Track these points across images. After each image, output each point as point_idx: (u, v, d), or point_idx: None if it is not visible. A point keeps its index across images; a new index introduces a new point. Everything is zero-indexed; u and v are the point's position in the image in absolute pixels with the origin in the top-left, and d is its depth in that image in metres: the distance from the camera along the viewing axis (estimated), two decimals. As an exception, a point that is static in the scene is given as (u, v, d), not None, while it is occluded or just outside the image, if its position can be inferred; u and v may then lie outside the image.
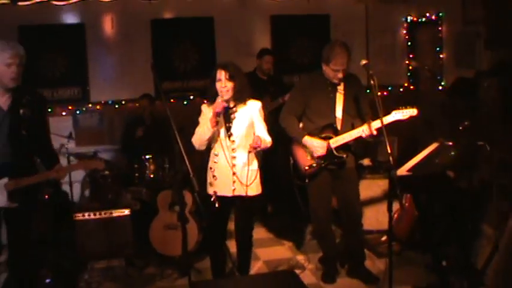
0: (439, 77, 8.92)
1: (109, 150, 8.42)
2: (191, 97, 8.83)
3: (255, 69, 7.92)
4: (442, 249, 5.54)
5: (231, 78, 4.87)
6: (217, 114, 4.87)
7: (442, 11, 8.89)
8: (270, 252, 6.70)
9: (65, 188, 7.45)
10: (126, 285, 5.93)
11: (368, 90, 5.29)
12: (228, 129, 4.97)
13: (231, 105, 4.99)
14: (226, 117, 4.97)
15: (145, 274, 6.20)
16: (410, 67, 9.64)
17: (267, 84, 7.79)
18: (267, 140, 5.01)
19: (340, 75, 5.38)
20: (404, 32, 9.65)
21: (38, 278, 5.05)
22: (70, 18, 8.54)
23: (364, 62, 5.01)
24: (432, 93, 8.95)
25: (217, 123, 4.88)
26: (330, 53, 5.38)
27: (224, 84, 4.87)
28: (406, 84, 9.72)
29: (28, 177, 4.54)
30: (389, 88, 9.56)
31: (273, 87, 7.81)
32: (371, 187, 6.88)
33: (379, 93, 8.91)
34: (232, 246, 5.60)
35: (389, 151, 4.49)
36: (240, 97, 4.96)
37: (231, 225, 5.40)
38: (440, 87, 8.88)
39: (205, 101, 5.25)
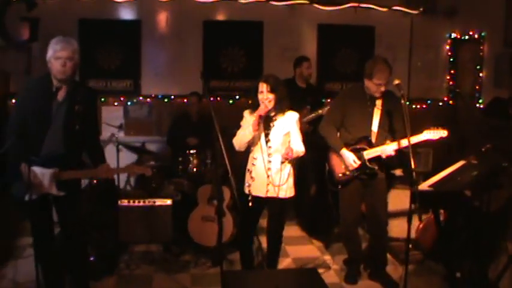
0: (477, 95, 9.10)
1: (156, 141, 8.87)
2: (237, 97, 9.24)
3: (293, 77, 8.05)
4: (457, 261, 5.77)
5: (272, 90, 5.29)
6: (260, 118, 5.28)
7: (485, 31, 9.04)
8: (299, 250, 7.06)
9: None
10: (163, 269, 6.33)
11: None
12: (266, 135, 5.38)
13: (271, 114, 5.39)
14: (265, 125, 5.38)
15: (181, 260, 6.60)
16: (450, 82, 9.85)
17: (305, 94, 7.92)
18: (299, 150, 5.41)
19: (382, 88, 5.67)
20: (447, 48, 9.87)
21: (84, 255, 5.40)
22: (127, 14, 9.02)
23: (396, 82, 5.26)
24: (469, 111, 9.13)
25: (258, 128, 5.28)
26: (373, 68, 5.66)
27: (266, 96, 5.28)
28: (445, 99, 9.94)
29: (77, 171, 4.88)
30: (429, 102, 9.82)
31: (312, 96, 7.93)
32: (401, 197, 7.07)
33: (418, 106, 9.32)
34: (264, 241, 6.02)
35: (412, 166, 4.78)
36: (279, 108, 5.37)
37: (265, 222, 5.79)
38: (477, 105, 9.06)
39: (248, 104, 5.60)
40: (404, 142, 5.44)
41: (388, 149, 5.65)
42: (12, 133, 4.63)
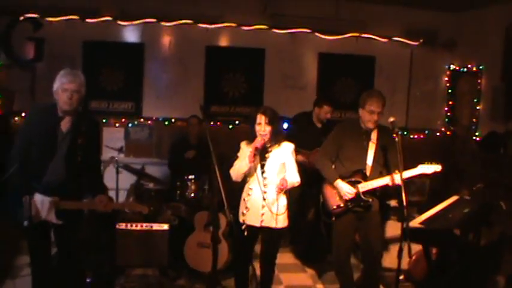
0: (474, 127, 9.21)
1: (155, 163, 8.98)
2: (237, 122, 9.39)
3: (311, 113, 8.01)
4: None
5: (269, 122, 5.41)
6: (256, 149, 5.39)
7: (483, 64, 9.17)
8: (292, 278, 7.12)
9: (111, 193, 7.98)
10: (158, 293, 6.42)
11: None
12: (262, 166, 5.49)
13: (267, 145, 5.50)
14: (261, 156, 5.50)
15: (177, 285, 6.68)
16: (448, 113, 9.97)
17: (320, 134, 7.77)
18: (294, 181, 5.53)
19: (375, 117, 5.73)
20: (446, 79, 10.04)
21: (81, 277, 5.47)
22: (131, 37, 9.20)
23: (392, 119, 5.36)
24: (465, 143, 9.24)
25: (255, 159, 5.39)
26: (366, 97, 5.78)
27: (263, 128, 5.40)
28: (443, 129, 10.07)
29: (77, 202, 4.97)
30: (426, 132, 9.94)
31: (325, 137, 7.80)
32: (395, 228, 7.17)
33: (416, 136, 9.43)
34: (259, 268, 6.06)
35: (404, 203, 4.88)
36: (275, 140, 5.50)
37: (259, 247, 5.86)
38: (474, 137, 9.16)
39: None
40: (397, 178, 5.51)
41: (382, 182, 5.74)
42: (16, 159, 4.72)
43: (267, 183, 5.47)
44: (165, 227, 6.67)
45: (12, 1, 8.51)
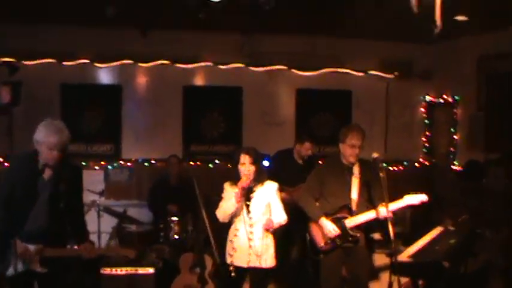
0: (451, 156, 9.30)
1: (136, 205, 8.89)
2: (216, 161, 9.36)
3: (292, 150, 8.07)
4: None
5: (254, 162, 5.42)
6: (243, 189, 5.37)
7: (458, 95, 9.30)
8: (280, 316, 7.07)
9: (93, 237, 7.88)
10: None
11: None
12: (247, 206, 5.47)
13: (251, 185, 5.49)
14: (245, 196, 5.46)
15: (164, 329, 6.59)
16: (426, 144, 10.07)
17: (302, 170, 7.77)
18: (281, 220, 5.54)
19: (356, 151, 5.76)
20: (422, 110, 10.15)
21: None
22: (108, 79, 9.21)
23: (375, 155, 5.42)
24: (444, 172, 9.33)
25: (241, 199, 5.38)
26: (346, 131, 5.82)
27: (248, 168, 5.40)
28: (421, 160, 10.14)
29: (61, 249, 4.89)
30: (405, 163, 10.01)
31: (308, 173, 7.82)
32: (380, 261, 7.13)
33: (395, 168, 9.47)
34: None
35: (392, 237, 4.89)
36: (258, 179, 5.51)
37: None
38: (452, 166, 9.24)
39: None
40: (383, 211, 5.52)
41: (369, 217, 5.75)
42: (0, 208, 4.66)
43: (253, 223, 5.45)
44: (150, 270, 6.64)
45: (-14, 46, 8.46)
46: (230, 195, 5.46)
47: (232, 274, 5.42)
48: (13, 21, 8.34)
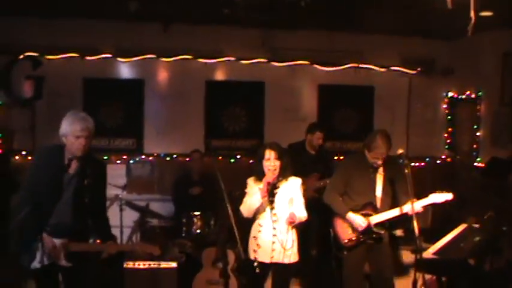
0: (474, 153, 9.22)
1: (158, 200, 8.90)
2: (238, 156, 9.37)
3: (304, 142, 8.10)
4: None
5: (278, 157, 5.41)
6: (268, 185, 5.37)
7: (482, 90, 9.21)
8: (302, 311, 7.06)
9: (115, 231, 7.91)
10: (168, 332, 6.35)
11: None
12: (271, 202, 5.46)
13: (275, 181, 5.49)
14: (270, 192, 5.45)
15: (186, 323, 6.62)
16: (448, 141, 10.01)
17: (315, 160, 7.97)
18: (302, 216, 5.51)
19: (379, 162, 5.82)
20: (445, 106, 10.08)
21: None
22: (131, 74, 9.22)
23: (400, 151, 5.42)
24: (467, 171, 9.25)
25: (267, 194, 5.37)
26: (371, 143, 5.81)
27: (273, 163, 5.39)
28: (443, 157, 10.08)
29: (87, 244, 4.96)
30: (427, 159, 9.95)
31: (321, 163, 7.95)
32: (403, 258, 7.14)
33: (416, 164, 9.42)
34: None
35: (417, 234, 4.86)
36: (283, 175, 5.50)
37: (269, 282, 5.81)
38: (475, 164, 9.17)
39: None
40: (408, 208, 5.50)
41: (393, 214, 5.73)
42: (26, 202, 4.69)
43: (277, 219, 5.43)
44: (173, 264, 6.65)
45: (11, 40, 8.50)
46: (254, 190, 5.47)
47: (257, 270, 5.43)
48: (35, 15, 8.42)
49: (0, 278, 6.70)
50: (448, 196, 5.66)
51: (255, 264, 5.43)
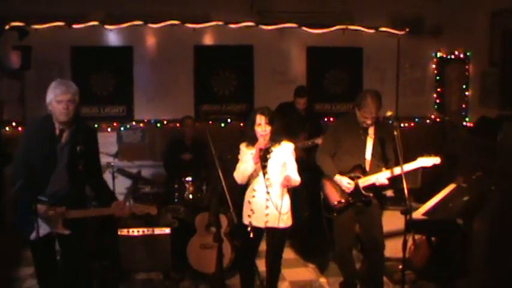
0: (463, 113, 9.26)
1: (150, 166, 8.99)
2: (228, 120, 9.39)
3: (293, 102, 8.18)
4: (451, 281, 5.92)
5: (269, 122, 5.41)
6: (260, 150, 5.39)
7: (470, 51, 9.21)
8: (295, 273, 7.16)
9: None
10: (163, 297, 6.46)
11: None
12: (263, 167, 5.48)
13: (268, 145, 5.50)
14: (262, 157, 5.47)
15: (181, 287, 6.70)
16: (437, 100, 10.05)
17: (303, 120, 8.10)
18: (296, 179, 5.55)
19: (368, 121, 5.82)
20: (434, 66, 10.09)
21: (87, 284, 5.47)
22: (119, 41, 9.17)
23: (389, 113, 5.44)
24: (456, 130, 9.31)
25: (259, 160, 5.40)
26: (361, 101, 5.81)
27: (264, 128, 5.40)
28: (432, 117, 10.14)
29: (89, 209, 5.07)
30: (416, 120, 10.01)
31: (309, 123, 8.11)
32: (392, 218, 7.19)
33: (406, 124, 9.46)
34: (261, 265, 6.19)
35: (406, 196, 4.93)
36: (276, 139, 5.50)
37: (262, 245, 5.90)
38: (464, 123, 9.22)
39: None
40: (397, 170, 5.57)
41: (382, 177, 5.79)
42: (20, 174, 4.75)
43: (270, 184, 5.48)
44: (167, 230, 6.74)
45: (-4, 10, 8.43)
46: (247, 156, 5.49)
47: (251, 235, 5.50)
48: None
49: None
50: (436, 160, 5.71)
51: (249, 229, 5.50)
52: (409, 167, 5.58)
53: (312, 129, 8.00)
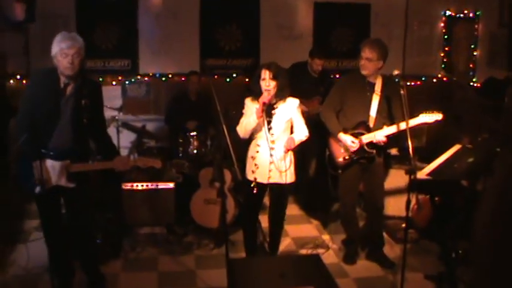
0: (471, 73, 9.20)
1: (154, 120, 8.94)
2: (234, 75, 9.32)
3: (306, 62, 7.96)
4: (453, 242, 5.94)
5: (274, 77, 5.35)
6: (264, 105, 5.35)
7: (480, 10, 9.09)
8: (298, 229, 7.22)
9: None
10: (167, 250, 6.49)
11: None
12: (268, 123, 5.47)
13: (273, 101, 5.48)
14: (267, 112, 5.46)
15: (184, 242, 6.74)
16: (445, 59, 9.95)
17: (317, 83, 7.90)
18: (302, 136, 5.58)
19: (370, 65, 5.74)
20: (442, 25, 9.96)
21: (90, 238, 5.53)
22: (124, -8, 8.99)
23: (396, 72, 5.36)
24: (463, 90, 9.25)
25: (262, 114, 5.37)
26: (362, 44, 5.81)
27: (268, 83, 5.35)
28: (439, 76, 10.06)
29: (92, 163, 5.07)
30: (423, 78, 9.93)
31: (323, 86, 7.81)
32: (396, 176, 7.23)
33: (413, 83, 9.40)
34: (264, 220, 6.23)
35: (411, 156, 4.90)
36: (280, 95, 5.47)
37: (265, 200, 5.96)
38: (471, 83, 9.16)
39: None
40: (401, 125, 5.56)
41: (380, 134, 5.77)
42: (23, 127, 4.73)
43: (274, 140, 5.47)
44: (171, 185, 6.77)
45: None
46: (251, 111, 5.46)
47: (254, 190, 5.52)
48: None
49: (4, 202, 6.83)
50: (438, 116, 5.66)
51: (253, 185, 5.52)
52: (412, 122, 5.51)
53: (325, 92, 7.83)
